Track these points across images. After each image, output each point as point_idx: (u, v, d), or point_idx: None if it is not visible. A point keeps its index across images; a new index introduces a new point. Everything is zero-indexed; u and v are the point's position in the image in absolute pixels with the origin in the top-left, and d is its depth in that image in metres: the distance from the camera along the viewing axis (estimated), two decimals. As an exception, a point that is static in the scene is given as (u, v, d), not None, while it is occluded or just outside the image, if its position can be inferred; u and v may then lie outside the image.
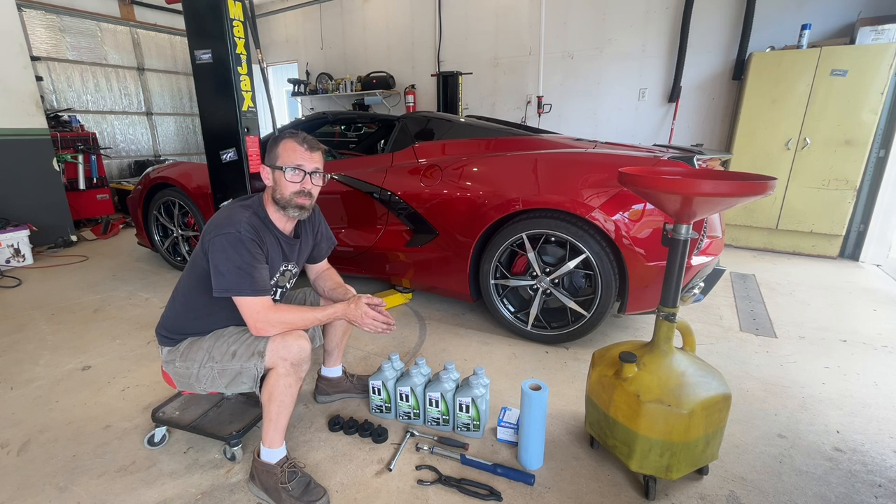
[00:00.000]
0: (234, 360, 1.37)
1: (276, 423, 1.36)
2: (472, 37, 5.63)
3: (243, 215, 1.36)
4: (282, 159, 1.39)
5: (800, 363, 2.18)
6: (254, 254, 1.33)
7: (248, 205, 1.44)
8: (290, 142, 1.40)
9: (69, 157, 4.91)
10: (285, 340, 1.32)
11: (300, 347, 1.32)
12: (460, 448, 1.59)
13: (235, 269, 1.29)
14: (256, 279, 1.31)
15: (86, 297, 3.06)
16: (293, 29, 7.18)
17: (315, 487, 1.36)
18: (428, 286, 2.72)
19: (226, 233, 1.31)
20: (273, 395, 1.33)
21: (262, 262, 1.35)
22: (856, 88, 3.46)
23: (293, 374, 1.33)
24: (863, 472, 1.48)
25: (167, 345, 1.49)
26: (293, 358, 1.31)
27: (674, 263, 1.32)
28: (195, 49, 2.38)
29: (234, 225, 1.32)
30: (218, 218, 1.38)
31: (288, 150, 1.40)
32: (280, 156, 1.40)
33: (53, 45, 5.61)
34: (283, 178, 1.38)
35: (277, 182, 1.40)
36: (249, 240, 1.32)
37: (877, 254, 3.75)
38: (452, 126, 2.71)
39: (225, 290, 1.29)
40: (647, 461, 1.33)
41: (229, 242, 1.30)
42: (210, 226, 1.37)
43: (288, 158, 1.39)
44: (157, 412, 1.64)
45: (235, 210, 1.39)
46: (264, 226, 1.42)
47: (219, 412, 1.64)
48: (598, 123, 5.09)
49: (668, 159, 2.08)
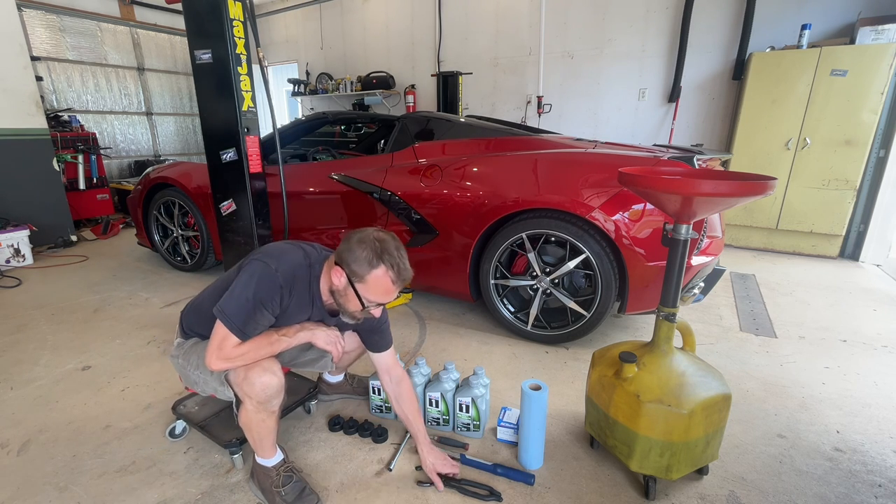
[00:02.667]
0: (211, 378, 1.34)
1: (261, 445, 1.34)
2: (472, 37, 5.63)
3: (295, 259, 1.28)
4: (368, 290, 1.22)
5: (800, 363, 2.18)
6: (272, 298, 1.23)
7: (309, 255, 1.32)
8: (387, 277, 1.21)
9: (69, 157, 4.91)
10: (248, 377, 1.23)
11: (263, 385, 1.22)
12: (460, 448, 1.59)
13: (244, 301, 1.21)
14: (249, 321, 1.21)
15: (86, 297, 3.06)
16: (293, 29, 7.17)
17: (309, 495, 1.35)
18: (428, 286, 2.72)
19: (266, 262, 1.24)
20: (250, 426, 1.30)
21: (269, 313, 1.25)
22: (856, 88, 3.46)
23: (263, 410, 1.26)
24: (863, 472, 1.48)
25: (181, 336, 1.48)
26: (257, 397, 1.23)
27: (674, 263, 1.32)
28: (195, 49, 2.38)
29: (278, 262, 1.25)
30: (275, 246, 1.33)
31: (381, 286, 1.22)
32: (368, 283, 1.21)
33: (53, 45, 5.60)
34: (357, 301, 1.25)
35: (347, 296, 1.26)
36: (278, 286, 1.23)
37: (877, 254, 3.75)
38: (452, 126, 2.71)
39: (218, 310, 1.21)
40: (647, 461, 1.33)
41: (259, 273, 1.23)
42: (263, 248, 1.33)
43: (375, 294, 1.23)
44: (178, 405, 1.65)
45: (293, 250, 1.31)
46: (306, 283, 1.30)
47: (230, 414, 1.62)
48: (598, 123, 5.09)
49: (668, 159, 2.08)
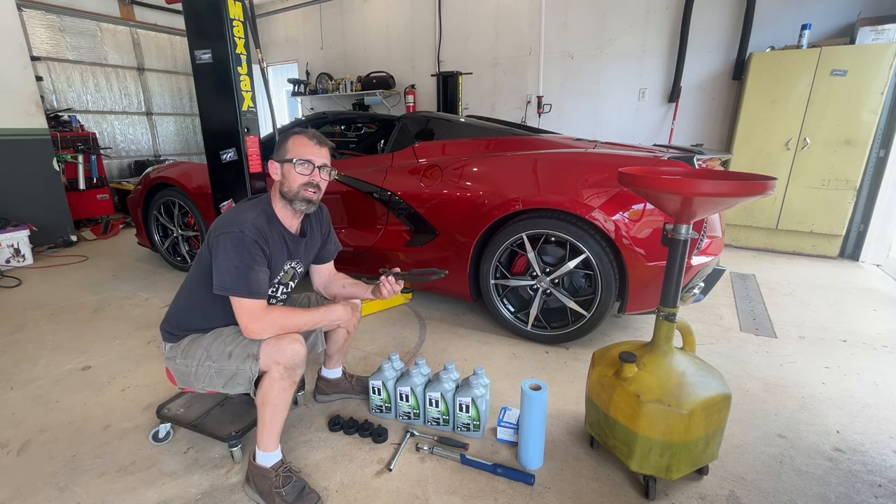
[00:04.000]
0: (231, 361, 1.37)
1: (271, 427, 1.35)
2: (472, 37, 5.63)
3: (249, 215, 1.37)
4: (291, 153, 1.41)
5: (800, 363, 2.18)
6: (254, 255, 1.33)
7: (256, 203, 1.45)
8: (300, 137, 1.43)
9: (69, 157, 4.91)
10: (279, 344, 1.32)
11: (294, 351, 1.32)
12: (460, 448, 1.59)
13: (234, 269, 1.29)
14: (252, 281, 1.31)
15: (86, 297, 3.06)
16: (293, 29, 7.17)
17: (309, 493, 1.35)
18: (428, 286, 2.72)
19: (230, 231, 1.32)
20: (267, 398, 1.33)
21: (262, 265, 1.35)
22: (856, 88, 3.46)
23: (287, 378, 1.32)
24: (863, 472, 1.48)
25: (170, 341, 1.49)
26: (287, 362, 1.31)
27: (674, 263, 1.32)
28: (195, 49, 2.38)
29: (239, 225, 1.33)
30: (225, 217, 1.39)
31: (298, 144, 1.42)
32: (290, 150, 1.42)
33: (53, 45, 5.61)
34: (293, 170, 1.40)
35: (286, 175, 1.42)
36: (252, 241, 1.32)
37: (877, 254, 3.75)
38: (452, 126, 2.71)
39: (222, 289, 1.30)
40: (647, 461, 1.33)
41: (232, 242, 1.31)
42: (216, 224, 1.38)
43: (297, 152, 1.41)
44: (161, 408, 1.64)
45: (242, 210, 1.41)
46: (270, 224, 1.42)
47: (221, 411, 1.65)
48: (599, 123, 5.09)
49: (668, 159, 2.08)
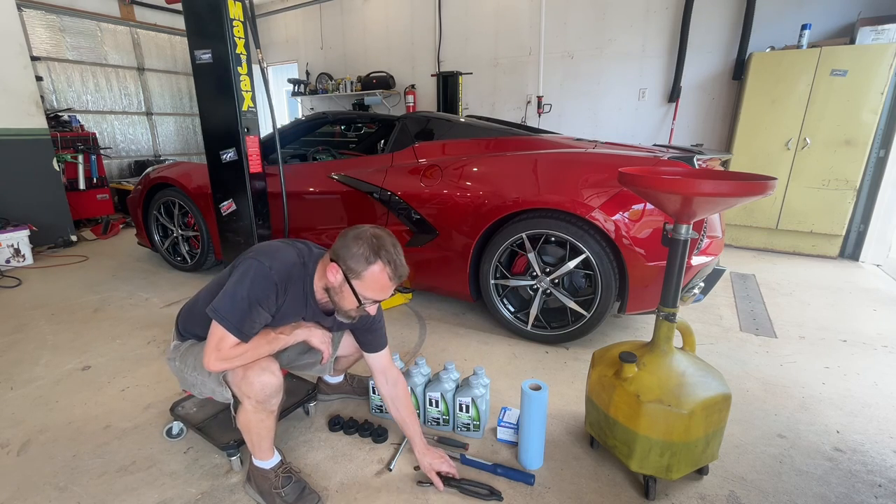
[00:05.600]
0: (210, 379, 1.33)
1: (259, 447, 1.33)
2: (472, 37, 5.63)
3: (289, 258, 1.27)
4: (364, 287, 1.21)
5: (800, 363, 2.18)
6: (264, 298, 1.22)
7: (303, 253, 1.31)
8: (384, 273, 1.20)
9: (69, 157, 4.90)
10: (246, 376, 1.22)
11: (262, 385, 1.22)
12: (460, 448, 1.59)
13: (238, 298, 1.20)
14: (245, 319, 1.20)
15: (86, 297, 3.06)
16: (293, 29, 7.17)
17: (309, 494, 1.35)
18: (428, 286, 2.72)
19: (260, 260, 1.23)
20: (248, 426, 1.29)
21: (266, 311, 1.24)
22: (856, 88, 3.46)
23: (262, 410, 1.26)
24: (863, 472, 1.48)
25: (177, 338, 1.48)
26: (256, 396, 1.23)
27: (674, 263, 1.32)
28: (195, 49, 2.38)
29: (272, 259, 1.24)
30: (269, 245, 1.32)
31: (377, 282, 1.20)
32: (364, 280, 1.20)
33: (53, 45, 5.60)
34: (354, 299, 1.24)
35: (342, 293, 1.25)
36: (273, 283, 1.22)
37: (877, 254, 3.75)
38: (452, 126, 2.71)
39: (212, 309, 1.20)
40: (647, 461, 1.33)
41: (253, 270, 1.22)
42: (257, 246, 1.33)
43: (371, 291, 1.22)
44: (176, 406, 1.66)
45: (287, 249, 1.30)
46: (301, 282, 1.30)
47: (228, 416, 1.60)
48: (599, 123, 5.09)
49: (668, 159, 2.08)
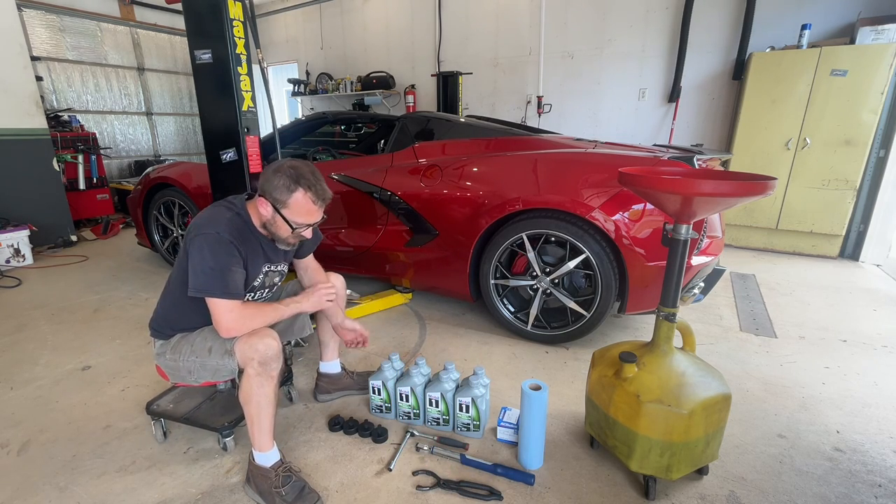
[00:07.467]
0: (211, 357, 1.39)
1: (259, 425, 1.35)
2: (472, 37, 5.63)
3: (225, 216, 1.36)
4: (292, 213, 1.34)
5: (800, 363, 2.18)
6: (231, 255, 1.32)
7: (230, 206, 1.41)
8: (307, 198, 1.32)
9: (69, 157, 4.90)
10: (250, 341, 1.32)
11: (266, 346, 1.31)
12: (460, 448, 1.59)
13: (209, 270, 1.29)
14: (229, 282, 1.31)
15: (86, 297, 3.06)
16: (293, 29, 7.17)
17: (309, 493, 1.35)
18: (428, 286, 2.72)
19: (205, 233, 1.31)
20: (249, 396, 1.33)
21: (238, 265, 1.35)
22: (856, 88, 3.46)
23: (263, 373, 1.32)
24: (863, 472, 1.48)
25: (159, 338, 1.51)
26: (259, 357, 1.30)
27: (674, 263, 1.32)
28: (195, 49, 2.38)
29: (214, 225, 1.32)
30: (201, 217, 1.38)
31: (302, 207, 1.33)
32: (291, 208, 1.33)
33: (53, 45, 5.60)
34: (286, 226, 1.36)
35: (276, 223, 1.37)
36: (228, 241, 1.32)
37: (877, 254, 3.75)
38: (452, 126, 2.71)
39: (197, 290, 1.30)
40: (647, 461, 1.33)
41: (207, 243, 1.30)
42: (192, 225, 1.37)
43: (300, 216, 1.35)
44: (151, 405, 1.65)
45: (218, 210, 1.39)
46: (246, 228, 1.40)
47: (212, 405, 1.67)
48: (599, 123, 5.09)
49: (668, 159, 2.08)
